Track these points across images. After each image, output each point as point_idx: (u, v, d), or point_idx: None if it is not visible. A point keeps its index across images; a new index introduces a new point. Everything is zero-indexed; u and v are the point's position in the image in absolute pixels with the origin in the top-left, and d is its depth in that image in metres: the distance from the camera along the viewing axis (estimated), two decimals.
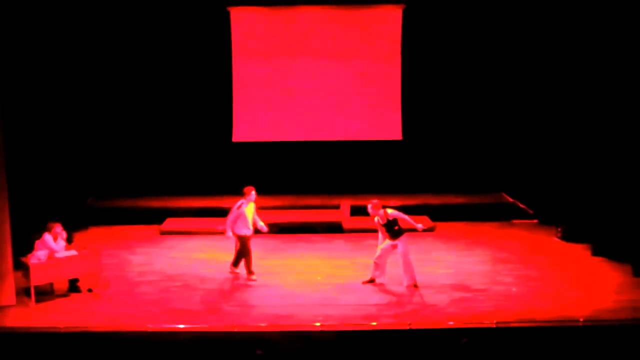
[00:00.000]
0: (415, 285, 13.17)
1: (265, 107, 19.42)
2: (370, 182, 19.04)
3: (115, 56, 18.71)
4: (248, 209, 13.78)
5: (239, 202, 13.73)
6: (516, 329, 11.53)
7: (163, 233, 17.04)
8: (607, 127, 15.04)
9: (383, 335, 11.52)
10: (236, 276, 13.89)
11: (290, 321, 11.76)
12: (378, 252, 13.37)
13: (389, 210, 13.13)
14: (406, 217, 13.13)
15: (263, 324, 11.68)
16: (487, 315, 11.88)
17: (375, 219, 13.25)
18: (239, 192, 18.77)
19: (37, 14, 15.86)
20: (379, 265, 13.41)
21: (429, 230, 16.61)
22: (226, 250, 15.71)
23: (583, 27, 15.61)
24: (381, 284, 13.37)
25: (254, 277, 13.70)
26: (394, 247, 13.20)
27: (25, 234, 13.40)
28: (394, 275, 13.56)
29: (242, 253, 13.76)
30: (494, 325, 11.53)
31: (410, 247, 13.35)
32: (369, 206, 13.22)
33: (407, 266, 13.21)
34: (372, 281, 13.47)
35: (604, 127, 15.15)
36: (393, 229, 13.14)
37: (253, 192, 13.87)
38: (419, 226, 13.29)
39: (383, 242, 13.33)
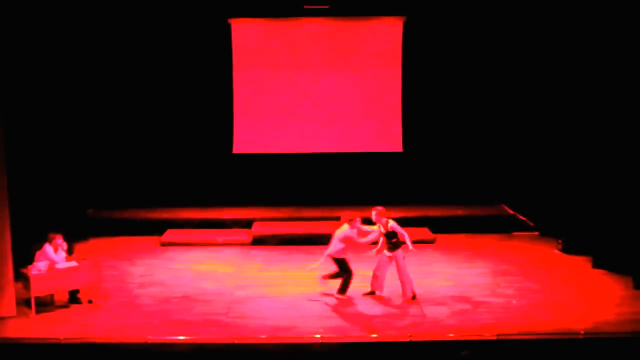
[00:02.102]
0: (414, 297, 13.17)
1: (266, 119, 19.43)
2: (371, 194, 18.97)
3: (116, 67, 18.72)
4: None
5: (353, 228, 13.35)
6: (517, 342, 11.52)
7: (164, 244, 17.02)
8: (607, 140, 15.05)
9: (383, 347, 11.52)
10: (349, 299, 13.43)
11: (290, 333, 11.76)
12: (377, 263, 13.38)
13: (390, 222, 13.14)
14: (404, 233, 13.09)
15: (263, 336, 11.66)
16: (487, 327, 11.87)
17: (378, 225, 13.27)
18: (239, 204, 18.98)
19: (34, 28, 15.89)
20: (378, 277, 13.40)
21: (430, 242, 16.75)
22: (226, 262, 15.75)
23: (584, 41, 15.64)
24: (381, 297, 13.36)
25: (343, 297, 13.40)
26: (391, 259, 13.22)
27: (25, 244, 13.39)
28: (395, 287, 13.58)
29: (342, 273, 13.41)
30: (495, 338, 11.52)
31: (410, 259, 13.36)
32: (374, 212, 13.24)
33: (405, 279, 13.22)
34: (372, 293, 13.46)
35: (604, 139, 15.16)
36: (391, 241, 13.16)
37: (358, 219, 13.45)
38: (411, 248, 13.15)
39: (380, 253, 13.34)
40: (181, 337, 11.64)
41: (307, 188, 19.21)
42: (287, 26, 19.20)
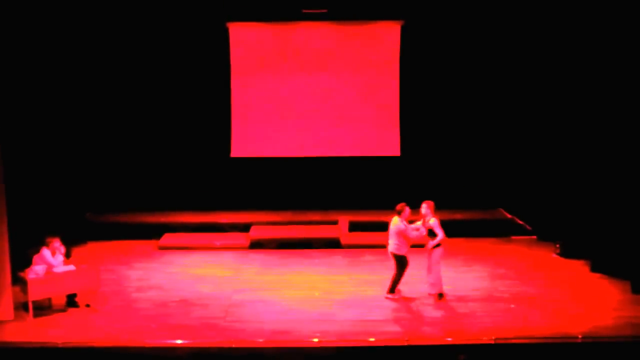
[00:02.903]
0: (441, 296, 13.30)
1: (263, 123, 19.43)
2: (369, 198, 19.04)
3: (115, 71, 18.72)
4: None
5: (403, 221, 13.38)
6: (514, 346, 11.51)
7: (161, 248, 16.99)
8: (605, 145, 15.06)
9: (381, 351, 11.51)
10: (398, 299, 13.49)
11: (288, 337, 11.75)
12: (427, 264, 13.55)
13: (431, 220, 13.31)
14: (440, 234, 13.22)
15: (260, 340, 11.66)
16: (485, 331, 11.86)
17: (422, 220, 13.44)
18: (237, 207, 18.97)
19: (34, 32, 15.90)
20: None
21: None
22: (224, 266, 15.74)
23: (582, 47, 15.67)
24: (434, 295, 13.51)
25: (393, 296, 13.48)
26: (429, 253, 13.38)
27: (23, 248, 13.38)
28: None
29: (399, 272, 13.46)
30: (493, 342, 11.51)
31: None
32: (424, 206, 13.42)
33: (435, 276, 13.35)
34: (440, 295, 13.56)
35: (601, 144, 15.17)
36: (431, 238, 13.34)
37: (407, 209, 13.53)
38: (429, 246, 13.36)
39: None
40: (179, 341, 11.63)
41: (305, 192, 19.20)
42: (285, 30, 19.21)
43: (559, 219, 16.64)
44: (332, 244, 17.06)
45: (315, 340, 11.61)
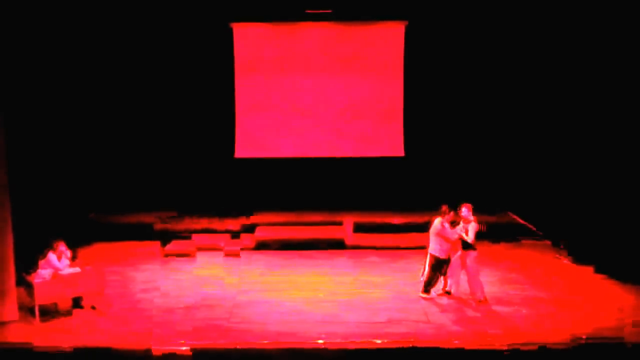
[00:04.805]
0: (480, 301, 13.25)
1: (267, 124, 19.44)
2: (373, 199, 19.03)
3: (119, 71, 18.74)
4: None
5: (444, 222, 13.41)
6: (525, 352, 11.45)
7: (167, 255, 16.71)
8: (614, 148, 15.00)
9: (387, 353, 11.45)
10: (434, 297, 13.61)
11: (293, 338, 11.75)
12: (452, 262, 13.54)
13: (470, 226, 13.34)
14: (468, 238, 13.27)
15: (266, 341, 11.65)
16: (493, 335, 11.83)
17: (461, 224, 13.41)
18: (241, 208, 18.95)
19: (38, 34, 15.92)
20: (452, 277, 13.58)
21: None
22: (228, 267, 15.73)
23: (588, 48, 15.64)
24: (453, 296, 13.55)
25: (427, 296, 13.54)
26: (462, 258, 13.37)
27: (27, 250, 13.36)
28: (399, 292, 13.70)
29: (434, 272, 13.52)
30: (502, 347, 11.40)
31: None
32: (464, 209, 13.41)
33: (472, 281, 13.35)
34: (448, 293, 13.59)
35: (610, 147, 15.11)
36: (464, 240, 13.32)
37: (451, 212, 13.56)
38: (458, 253, 13.42)
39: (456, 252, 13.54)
40: (184, 342, 11.63)
41: (310, 193, 19.18)
42: (289, 30, 19.22)
43: (567, 223, 16.54)
44: (337, 245, 17.03)
45: (321, 341, 11.60)
